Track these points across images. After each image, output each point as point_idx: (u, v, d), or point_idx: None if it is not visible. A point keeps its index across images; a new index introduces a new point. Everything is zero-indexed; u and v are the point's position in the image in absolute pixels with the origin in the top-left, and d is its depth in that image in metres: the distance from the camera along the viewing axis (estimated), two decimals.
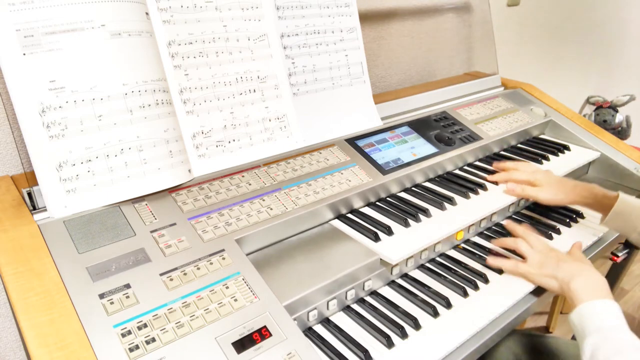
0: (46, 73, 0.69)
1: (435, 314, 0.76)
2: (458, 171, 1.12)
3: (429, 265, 0.89)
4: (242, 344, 0.60)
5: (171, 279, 0.66)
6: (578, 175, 1.24)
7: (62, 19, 0.69)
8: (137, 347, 0.57)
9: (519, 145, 1.27)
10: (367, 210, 0.94)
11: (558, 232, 0.99)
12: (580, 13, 2.26)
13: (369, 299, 0.80)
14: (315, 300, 0.73)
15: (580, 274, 0.76)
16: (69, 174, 0.71)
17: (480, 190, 1.01)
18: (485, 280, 0.84)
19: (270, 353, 0.60)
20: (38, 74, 0.68)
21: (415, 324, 0.73)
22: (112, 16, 0.73)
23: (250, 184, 0.85)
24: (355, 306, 0.78)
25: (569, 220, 1.03)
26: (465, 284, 0.83)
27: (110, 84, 0.73)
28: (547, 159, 1.19)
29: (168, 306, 0.63)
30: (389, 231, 0.85)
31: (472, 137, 1.16)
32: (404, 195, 1.00)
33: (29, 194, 0.74)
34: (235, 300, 0.65)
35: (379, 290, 0.82)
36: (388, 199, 0.99)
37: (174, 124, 0.80)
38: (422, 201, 0.97)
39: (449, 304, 0.78)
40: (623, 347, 0.64)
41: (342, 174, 0.93)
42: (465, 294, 0.80)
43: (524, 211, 1.09)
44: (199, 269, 0.68)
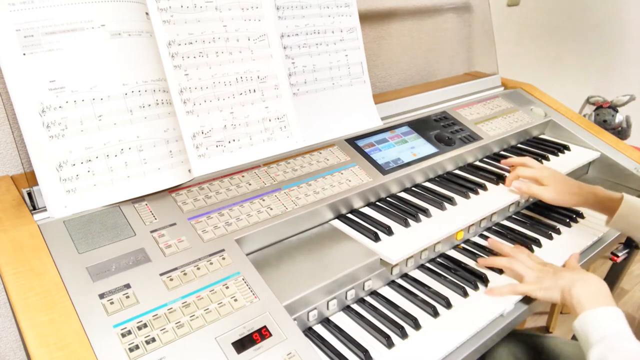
0: (46, 73, 0.69)
1: (435, 314, 0.76)
2: (458, 171, 1.12)
3: (429, 265, 0.89)
4: (242, 344, 0.60)
5: (171, 279, 0.66)
6: (578, 175, 1.24)
7: (62, 19, 0.69)
8: (137, 347, 0.57)
9: (519, 145, 1.27)
10: (367, 210, 0.94)
11: (558, 232, 0.99)
12: (580, 13, 2.26)
13: (369, 299, 0.80)
14: (315, 300, 0.73)
15: (581, 280, 0.75)
16: (69, 174, 0.71)
17: (480, 190, 1.01)
18: (485, 280, 0.84)
19: (270, 353, 0.60)
20: (38, 74, 0.68)
21: (415, 324, 0.73)
22: (112, 16, 0.73)
23: (250, 184, 0.85)
24: (355, 306, 0.78)
25: (569, 220, 1.03)
26: (465, 284, 0.83)
27: (110, 84, 0.73)
28: (547, 159, 1.19)
29: (168, 306, 0.63)
30: (389, 231, 0.85)
31: (472, 137, 1.16)
32: (404, 195, 1.00)
33: (29, 194, 0.74)
34: (235, 300, 0.65)
35: (379, 290, 0.82)
36: (388, 199, 0.99)
37: (174, 124, 0.80)
38: (422, 201, 0.97)
39: (449, 304, 0.78)
40: (629, 357, 0.64)
41: (342, 174, 0.93)
42: (465, 294, 0.80)
43: (524, 211, 1.09)
44: (199, 269, 0.68)
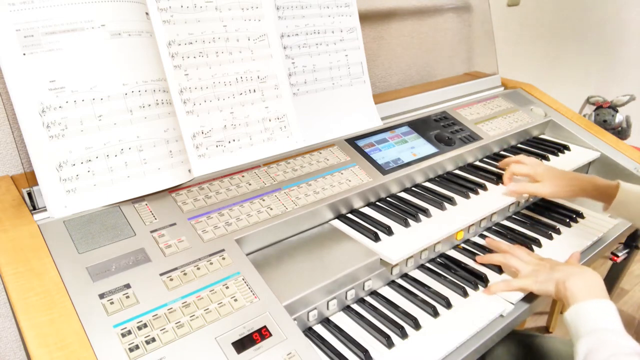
0: (46, 73, 0.69)
1: (435, 314, 0.76)
2: (458, 171, 1.12)
3: (429, 265, 0.89)
4: (242, 344, 0.60)
5: (171, 279, 0.66)
6: None
7: (62, 19, 0.69)
8: (137, 347, 0.57)
9: (519, 145, 1.27)
10: (367, 210, 0.94)
11: (558, 232, 0.99)
12: (580, 13, 2.26)
13: (369, 299, 0.80)
14: (315, 300, 0.73)
15: (576, 273, 0.75)
16: (69, 174, 0.71)
17: (480, 190, 1.01)
18: (485, 280, 0.84)
19: (270, 353, 0.60)
20: (38, 74, 0.68)
21: (415, 324, 0.73)
22: (112, 16, 0.73)
23: (250, 184, 0.85)
24: (355, 306, 0.78)
25: (569, 220, 1.03)
26: (465, 284, 0.83)
27: (110, 84, 0.73)
28: (547, 159, 1.19)
29: (168, 306, 0.63)
30: (389, 231, 0.85)
31: (472, 137, 1.16)
32: (404, 195, 1.00)
33: (29, 194, 0.74)
34: (235, 300, 0.65)
35: (379, 290, 0.82)
36: (388, 199, 0.99)
37: (174, 124, 0.80)
38: (422, 201, 0.97)
39: (449, 304, 0.78)
40: (617, 350, 0.63)
41: (342, 174, 0.93)
42: (465, 294, 0.80)
43: (524, 211, 1.09)
44: (199, 269, 0.68)
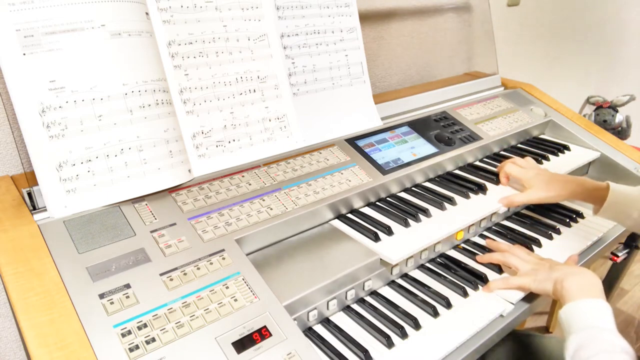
0: (46, 73, 0.69)
1: (435, 314, 0.76)
2: (458, 171, 1.12)
3: (429, 265, 0.89)
4: (242, 344, 0.60)
5: (171, 279, 0.66)
6: (578, 175, 1.23)
7: (62, 19, 0.69)
8: (137, 347, 0.57)
9: (519, 145, 1.27)
10: (367, 210, 0.94)
11: (558, 232, 0.99)
12: (580, 13, 2.26)
13: (369, 299, 0.80)
14: (315, 300, 0.73)
15: (575, 273, 0.75)
16: (69, 174, 0.71)
17: (480, 191, 1.01)
18: (485, 280, 0.84)
19: (270, 353, 0.60)
20: (38, 74, 0.68)
21: (415, 324, 0.73)
22: (112, 16, 0.73)
23: (250, 184, 0.85)
24: (355, 306, 0.78)
25: (569, 220, 1.03)
26: (465, 284, 0.83)
27: (110, 84, 0.73)
28: (547, 159, 1.19)
29: (168, 306, 0.63)
30: (389, 231, 0.85)
31: (472, 137, 1.16)
32: (404, 195, 1.00)
33: (29, 194, 0.74)
34: (235, 300, 0.65)
35: (379, 290, 0.82)
36: (388, 199, 0.99)
37: (174, 124, 0.80)
38: (422, 201, 0.97)
39: (449, 304, 0.78)
40: (607, 348, 0.62)
41: (342, 174, 0.93)
42: (465, 294, 0.80)
43: (524, 211, 1.09)
44: (199, 269, 0.68)
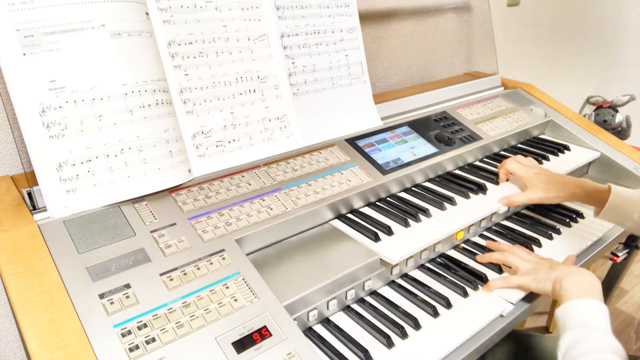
0: (46, 73, 0.69)
1: (435, 314, 0.76)
2: (458, 171, 1.12)
3: (429, 265, 0.89)
4: (242, 344, 0.60)
5: (171, 279, 0.66)
6: (578, 175, 1.23)
7: (62, 19, 0.69)
8: (137, 347, 0.57)
9: (519, 145, 1.27)
10: (367, 210, 0.94)
11: (558, 232, 0.99)
12: (580, 13, 2.26)
13: (369, 299, 0.80)
14: (315, 300, 0.73)
15: (574, 273, 0.75)
16: (69, 174, 0.71)
17: (480, 191, 1.01)
18: (485, 280, 0.84)
19: (270, 353, 0.60)
20: (38, 74, 0.68)
21: (415, 324, 0.73)
22: (112, 16, 0.73)
23: (250, 184, 0.85)
24: (355, 306, 0.78)
25: (569, 220, 1.03)
26: (465, 284, 0.83)
27: (110, 84, 0.73)
28: (547, 159, 1.19)
29: (168, 306, 0.63)
30: (389, 231, 0.85)
31: (472, 137, 1.16)
32: (404, 195, 1.00)
33: (29, 194, 0.74)
34: (235, 300, 0.65)
35: (379, 290, 0.82)
36: (388, 199, 0.99)
37: (174, 124, 0.80)
38: (422, 201, 0.97)
39: (449, 304, 0.78)
40: (598, 347, 0.62)
41: (342, 174, 0.93)
42: (465, 294, 0.80)
43: (524, 211, 1.09)
44: (199, 269, 0.68)
